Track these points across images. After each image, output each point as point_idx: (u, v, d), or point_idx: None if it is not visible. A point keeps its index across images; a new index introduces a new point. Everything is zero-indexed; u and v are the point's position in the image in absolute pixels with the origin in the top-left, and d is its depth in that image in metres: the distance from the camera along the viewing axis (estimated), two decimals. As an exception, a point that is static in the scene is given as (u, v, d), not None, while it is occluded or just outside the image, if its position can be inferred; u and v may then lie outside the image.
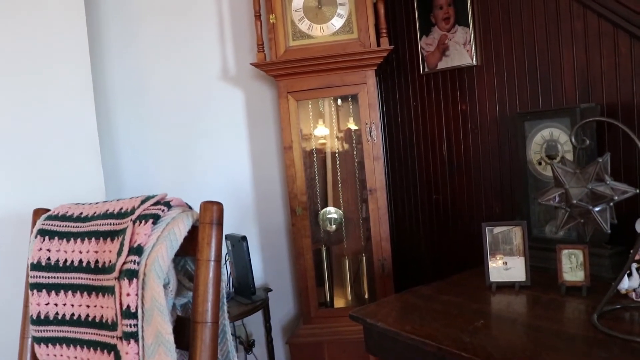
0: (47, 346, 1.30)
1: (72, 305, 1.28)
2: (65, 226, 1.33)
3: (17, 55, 2.10)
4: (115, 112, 2.77)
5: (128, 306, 1.15)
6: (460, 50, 2.37)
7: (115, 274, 1.18)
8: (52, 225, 1.34)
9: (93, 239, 1.27)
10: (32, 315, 1.30)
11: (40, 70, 2.14)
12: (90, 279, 1.26)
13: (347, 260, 2.77)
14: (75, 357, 1.27)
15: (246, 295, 2.53)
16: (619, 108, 1.86)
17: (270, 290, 2.75)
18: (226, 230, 2.44)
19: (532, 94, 2.15)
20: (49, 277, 1.30)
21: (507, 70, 2.23)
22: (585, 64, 1.94)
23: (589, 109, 1.86)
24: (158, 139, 2.82)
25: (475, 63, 2.33)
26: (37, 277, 1.31)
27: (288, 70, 2.44)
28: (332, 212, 2.75)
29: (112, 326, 1.19)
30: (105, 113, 2.71)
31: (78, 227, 1.31)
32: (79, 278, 1.27)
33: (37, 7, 2.13)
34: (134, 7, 2.77)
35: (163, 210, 1.23)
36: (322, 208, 2.76)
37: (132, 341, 1.15)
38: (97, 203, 1.36)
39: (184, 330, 1.21)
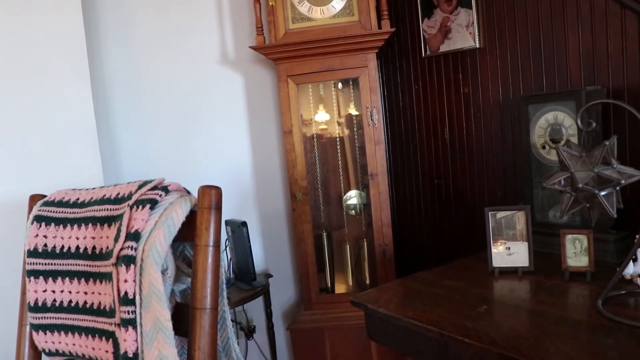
0: (45, 333, 1.29)
1: (70, 292, 1.27)
2: (62, 212, 1.31)
3: (12, 44, 2.07)
4: (113, 99, 2.74)
5: (126, 293, 1.14)
6: (463, 33, 2.33)
7: (113, 260, 1.16)
8: (48, 211, 1.32)
9: (90, 224, 1.25)
10: (29, 302, 1.29)
11: (37, 59, 2.12)
12: (87, 266, 1.24)
13: (348, 246, 2.76)
14: (74, 344, 1.26)
15: (246, 281, 2.52)
16: (626, 91, 1.83)
17: (271, 276, 2.74)
18: (226, 216, 2.44)
19: (536, 76, 2.12)
20: (45, 264, 1.29)
21: (510, 53, 2.20)
22: (591, 45, 1.91)
23: (595, 91, 1.83)
24: (156, 124, 2.79)
25: (478, 45, 2.29)
26: (34, 263, 1.30)
27: (288, 54, 2.41)
28: (352, 195, 2.73)
29: (110, 313, 1.18)
30: (103, 99, 2.69)
31: (75, 212, 1.29)
32: (76, 265, 1.26)
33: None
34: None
35: (160, 195, 1.21)
36: (345, 192, 2.75)
37: (130, 328, 1.14)
38: (93, 188, 1.34)
39: (183, 316, 1.19)
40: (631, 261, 1.54)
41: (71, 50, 2.19)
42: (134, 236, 1.16)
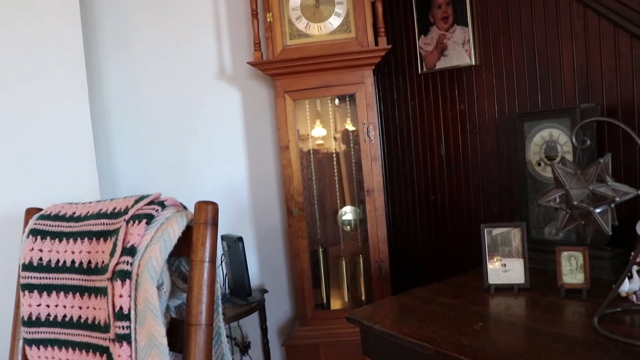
0: (39, 348, 1.28)
1: (64, 307, 1.26)
2: (58, 226, 1.31)
3: (11, 54, 2.08)
4: (111, 112, 2.75)
5: (121, 308, 1.13)
6: (459, 50, 2.35)
7: (108, 274, 1.16)
8: (44, 225, 1.32)
9: (86, 239, 1.25)
10: (23, 316, 1.29)
11: (35, 70, 2.12)
12: (82, 280, 1.24)
13: (343, 262, 2.76)
14: (67, 360, 1.25)
15: (242, 297, 2.51)
16: (619, 108, 1.84)
17: (267, 291, 2.73)
18: (222, 231, 2.44)
19: (531, 94, 2.13)
20: (40, 278, 1.28)
21: (506, 70, 2.22)
22: (585, 63, 1.93)
23: (589, 109, 1.84)
24: (153, 138, 2.80)
25: (473, 63, 2.31)
26: (28, 277, 1.29)
27: (285, 70, 2.43)
28: (347, 211, 2.73)
29: (105, 328, 1.17)
30: (101, 113, 2.69)
31: (71, 227, 1.29)
32: (71, 279, 1.25)
33: (32, 6, 2.11)
34: (130, 6, 2.75)
35: (157, 210, 1.21)
36: (340, 208, 2.75)
37: (124, 343, 1.13)
38: (90, 203, 1.34)
39: (178, 332, 1.19)
40: (627, 278, 1.54)
41: (69, 62, 2.19)
42: (130, 251, 1.15)
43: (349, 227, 2.76)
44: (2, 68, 2.06)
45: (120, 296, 1.13)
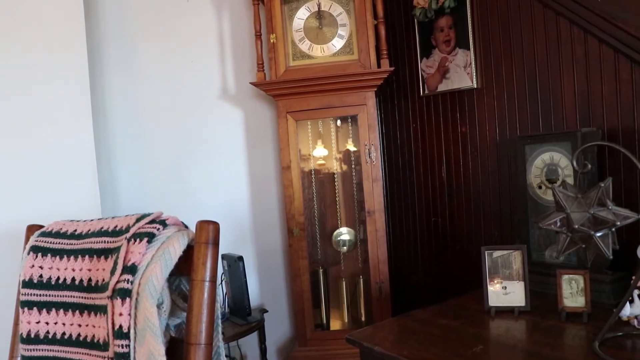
0: (37, 366, 1.28)
1: (64, 324, 1.26)
2: (59, 243, 1.31)
3: (17, 73, 2.10)
4: (114, 130, 2.77)
5: (120, 326, 1.13)
6: (461, 73, 2.37)
7: (108, 293, 1.16)
8: (45, 242, 1.32)
9: (87, 256, 1.25)
10: (22, 333, 1.28)
11: (39, 88, 2.14)
12: (82, 298, 1.24)
13: (344, 282, 2.75)
14: (65, 378, 1.25)
15: (241, 316, 2.50)
16: (620, 133, 1.85)
17: (266, 311, 2.72)
18: (222, 250, 2.43)
19: (532, 117, 2.15)
20: (40, 295, 1.28)
21: (507, 94, 2.23)
22: (586, 88, 1.94)
23: (590, 133, 1.85)
24: (156, 157, 2.81)
25: (475, 86, 2.33)
26: (28, 294, 1.29)
27: (288, 90, 2.44)
28: (343, 232, 2.73)
29: (104, 346, 1.17)
30: (103, 131, 2.71)
31: (72, 244, 1.29)
32: (71, 296, 1.25)
33: (39, 27, 2.14)
34: (134, 27, 2.78)
35: (158, 229, 1.21)
36: (335, 229, 2.73)
37: (123, 362, 1.13)
38: (91, 220, 1.35)
39: (177, 351, 1.18)
40: (628, 302, 1.54)
41: (74, 82, 2.21)
42: (131, 269, 1.16)
43: (345, 247, 2.74)
44: (10, 88, 2.09)
45: (120, 314, 1.13)
